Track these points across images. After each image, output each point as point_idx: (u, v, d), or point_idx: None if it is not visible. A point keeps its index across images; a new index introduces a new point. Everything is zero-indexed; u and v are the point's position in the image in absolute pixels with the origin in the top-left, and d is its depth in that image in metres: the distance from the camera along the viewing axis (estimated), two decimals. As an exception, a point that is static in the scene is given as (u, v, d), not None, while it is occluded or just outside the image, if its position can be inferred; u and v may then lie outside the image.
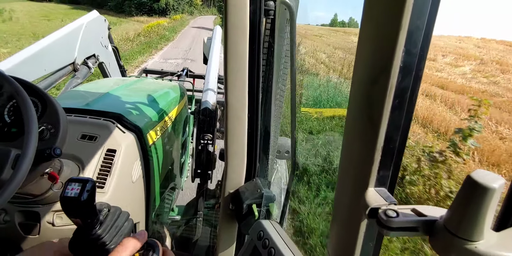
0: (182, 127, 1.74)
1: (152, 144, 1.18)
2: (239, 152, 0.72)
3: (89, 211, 0.48)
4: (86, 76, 1.76)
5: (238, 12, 0.59)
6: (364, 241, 0.41)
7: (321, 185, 3.46)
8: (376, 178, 0.38)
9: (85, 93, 1.30)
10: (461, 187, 0.29)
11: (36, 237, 0.84)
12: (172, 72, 2.75)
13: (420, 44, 0.34)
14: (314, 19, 32.17)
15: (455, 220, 0.30)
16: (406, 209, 0.35)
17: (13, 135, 0.66)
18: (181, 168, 1.85)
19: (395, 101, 0.34)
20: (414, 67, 0.34)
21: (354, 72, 0.37)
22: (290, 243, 0.64)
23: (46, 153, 0.61)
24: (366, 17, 0.35)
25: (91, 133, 0.98)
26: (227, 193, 0.76)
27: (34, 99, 0.68)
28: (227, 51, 0.62)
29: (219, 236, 0.82)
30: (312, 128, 5.01)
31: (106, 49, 2.07)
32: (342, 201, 0.45)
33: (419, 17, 0.32)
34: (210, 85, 1.82)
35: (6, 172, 0.58)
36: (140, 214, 1.11)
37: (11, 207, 0.83)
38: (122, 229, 0.53)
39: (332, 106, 5.82)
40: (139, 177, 1.07)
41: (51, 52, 1.53)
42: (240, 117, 0.68)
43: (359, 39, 0.36)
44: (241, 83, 0.65)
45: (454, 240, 0.30)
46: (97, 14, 1.94)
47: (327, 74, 8.73)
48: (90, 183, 0.47)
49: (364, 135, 0.37)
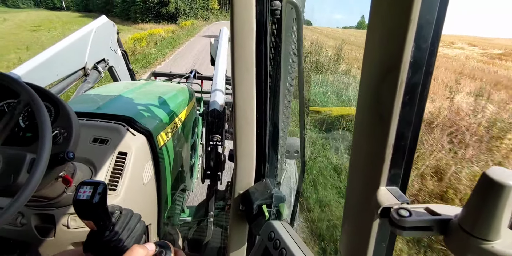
0: (191, 129, 1.75)
1: (162, 146, 1.19)
2: (248, 152, 0.72)
3: (101, 213, 0.48)
4: (96, 80, 1.80)
5: (245, 12, 0.59)
6: (376, 241, 0.41)
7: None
8: (388, 177, 0.37)
9: (96, 97, 1.33)
10: (477, 185, 0.28)
11: (52, 240, 0.86)
12: (181, 74, 2.78)
13: (430, 39, 0.33)
14: (334, 21, 29.88)
15: (471, 219, 0.29)
16: (419, 208, 0.35)
17: (28, 139, 0.67)
18: (191, 170, 1.86)
19: (405, 97, 0.33)
20: (425, 63, 0.34)
21: (363, 68, 0.37)
22: (301, 243, 0.64)
23: (60, 156, 0.63)
24: (374, 11, 0.34)
25: (102, 136, 0.99)
26: (237, 194, 0.76)
27: (48, 104, 0.70)
28: (234, 52, 0.62)
29: (230, 237, 0.82)
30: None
31: (115, 53, 2.10)
32: (353, 201, 0.44)
33: (429, 11, 0.32)
34: (218, 87, 1.83)
35: (22, 176, 0.59)
36: (151, 216, 1.12)
37: (27, 210, 0.85)
38: (134, 231, 0.54)
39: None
40: (150, 179, 1.08)
41: (63, 57, 1.56)
42: (248, 117, 0.68)
43: (367, 33, 0.35)
44: (248, 83, 0.65)
45: (469, 239, 0.29)
46: (106, 19, 1.97)
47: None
48: (102, 185, 0.48)
49: (374, 133, 0.36)
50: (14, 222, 0.86)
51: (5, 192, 0.60)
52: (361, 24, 28.52)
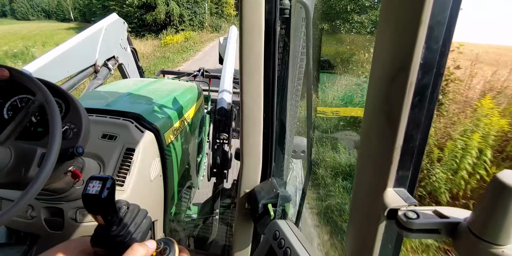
0: (198, 127, 1.76)
1: (170, 143, 1.20)
2: (254, 151, 0.72)
3: (109, 208, 0.49)
4: (106, 77, 1.82)
5: (254, 11, 0.59)
6: (382, 242, 0.40)
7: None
8: (395, 178, 0.37)
9: (105, 94, 1.34)
10: (487, 188, 0.28)
11: (60, 233, 0.88)
12: (189, 73, 2.80)
13: (441, 40, 0.33)
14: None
15: (481, 222, 0.29)
16: (427, 210, 0.34)
17: (39, 134, 0.69)
18: (198, 167, 1.87)
19: (414, 98, 0.33)
20: (435, 64, 0.33)
21: (372, 68, 0.36)
22: (306, 243, 0.63)
23: (70, 151, 0.64)
24: (385, 10, 0.34)
25: (111, 132, 1.01)
26: (242, 192, 0.76)
27: (58, 100, 0.71)
28: (242, 51, 0.62)
29: (235, 235, 0.83)
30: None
31: (125, 50, 2.12)
32: (359, 202, 0.44)
33: (441, 11, 0.31)
34: (225, 85, 1.83)
35: (33, 169, 0.61)
36: (158, 212, 1.13)
37: (38, 204, 0.87)
38: (141, 227, 0.54)
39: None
40: (157, 175, 1.09)
41: (74, 54, 1.59)
42: (255, 116, 0.68)
43: (376, 33, 0.35)
44: (256, 82, 0.65)
45: (479, 243, 0.29)
46: (117, 17, 1.99)
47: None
48: (110, 181, 0.48)
49: (382, 133, 0.36)
50: (25, 215, 0.88)
51: (16, 185, 0.61)
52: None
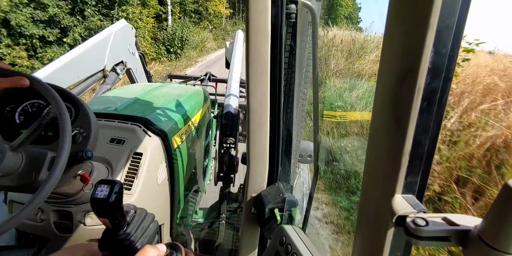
0: (205, 131, 1.76)
1: (177, 147, 1.21)
2: (261, 156, 0.72)
3: (117, 212, 0.49)
4: (115, 82, 1.85)
5: (260, 15, 0.59)
6: (391, 250, 0.40)
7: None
8: (404, 185, 0.36)
9: (114, 99, 1.36)
10: (498, 196, 0.27)
11: (69, 236, 0.89)
12: (196, 77, 2.82)
13: (450, 44, 0.32)
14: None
15: (492, 230, 0.28)
16: (436, 217, 0.33)
17: (49, 138, 0.70)
18: (204, 171, 1.87)
19: (423, 103, 0.33)
20: (444, 68, 0.33)
21: (380, 72, 0.36)
22: (313, 249, 0.63)
23: (79, 155, 0.65)
24: (393, 14, 0.33)
25: (119, 137, 1.02)
26: (249, 197, 0.76)
27: (68, 105, 0.73)
28: (249, 55, 0.62)
29: (241, 240, 0.82)
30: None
31: (133, 55, 2.15)
32: (367, 208, 0.43)
33: (449, 15, 0.31)
34: (232, 89, 1.84)
35: (43, 173, 0.62)
36: (165, 216, 1.13)
37: (47, 207, 0.88)
38: (148, 231, 0.55)
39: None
40: (164, 179, 1.10)
41: (84, 60, 1.62)
42: (262, 121, 0.68)
43: (384, 37, 0.35)
44: (263, 86, 0.65)
45: (490, 252, 0.28)
46: (125, 23, 2.03)
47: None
48: (118, 185, 0.49)
49: (390, 139, 0.36)
50: (35, 218, 0.89)
51: (27, 188, 0.62)
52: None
